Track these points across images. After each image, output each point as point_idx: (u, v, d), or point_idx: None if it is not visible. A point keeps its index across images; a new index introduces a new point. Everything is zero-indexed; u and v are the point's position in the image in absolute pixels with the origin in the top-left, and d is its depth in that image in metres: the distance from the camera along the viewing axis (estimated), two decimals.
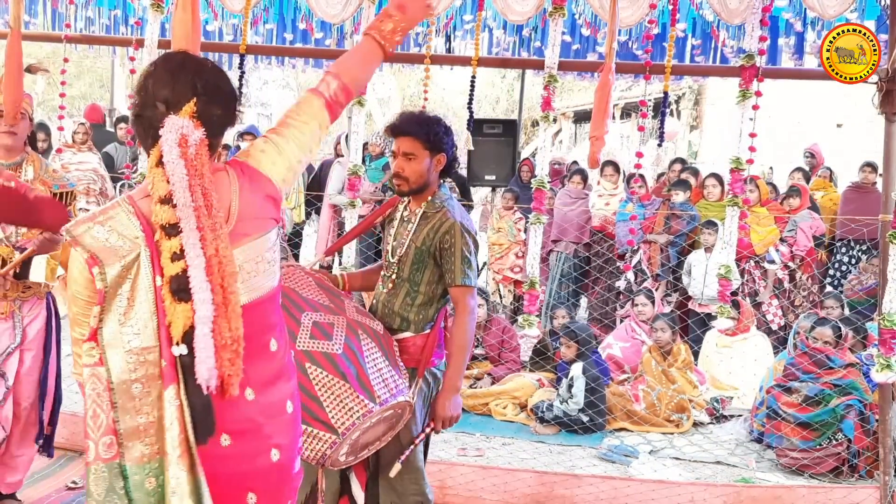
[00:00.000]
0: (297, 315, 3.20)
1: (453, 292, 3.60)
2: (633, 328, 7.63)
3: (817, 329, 6.31)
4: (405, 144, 3.60)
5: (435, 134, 3.61)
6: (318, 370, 3.10)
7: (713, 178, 8.85)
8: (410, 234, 3.64)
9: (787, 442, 5.97)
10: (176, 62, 2.29)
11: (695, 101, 19.37)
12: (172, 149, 2.12)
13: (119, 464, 2.11)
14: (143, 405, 2.11)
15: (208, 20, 8.92)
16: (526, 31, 8.66)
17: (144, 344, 2.10)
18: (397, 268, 3.65)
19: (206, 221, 2.12)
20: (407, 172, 3.60)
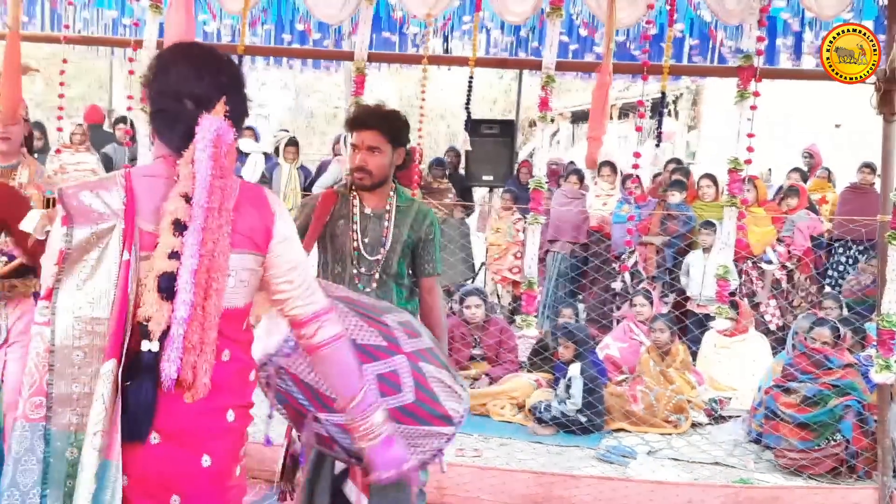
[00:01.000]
0: None
1: (430, 281, 3.74)
2: (630, 328, 7.63)
3: (816, 329, 6.31)
4: (369, 138, 3.58)
5: (398, 128, 3.65)
6: (397, 425, 2.67)
7: (707, 179, 8.87)
8: (392, 230, 3.64)
9: (786, 442, 5.97)
10: (199, 56, 2.30)
11: (693, 101, 19.38)
12: (207, 148, 2.14)
13: (44, 426, 2.09)
14: (82, 374, 2.09)
15: (206, 21, 8.92)
16: (523, 31, 8.67)
17: (96, 314, 2.10)
18: (381, 265, 3.63)
19: (214, 222, 2.14)
20: (371, 166, 3.59)
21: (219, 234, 2.14)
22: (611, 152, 16.52)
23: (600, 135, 6.26)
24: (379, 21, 8.53)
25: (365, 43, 7.05)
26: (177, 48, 2.37)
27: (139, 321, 2.11)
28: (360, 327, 2.83)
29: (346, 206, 3.69)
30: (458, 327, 7.23)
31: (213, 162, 2.14)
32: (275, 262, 2.32)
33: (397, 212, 3.68)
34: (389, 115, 3.67)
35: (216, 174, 2.15)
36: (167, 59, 2.29)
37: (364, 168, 3.59)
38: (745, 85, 6.06)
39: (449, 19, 8.40)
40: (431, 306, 3.74)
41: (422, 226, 3.70)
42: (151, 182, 2.21)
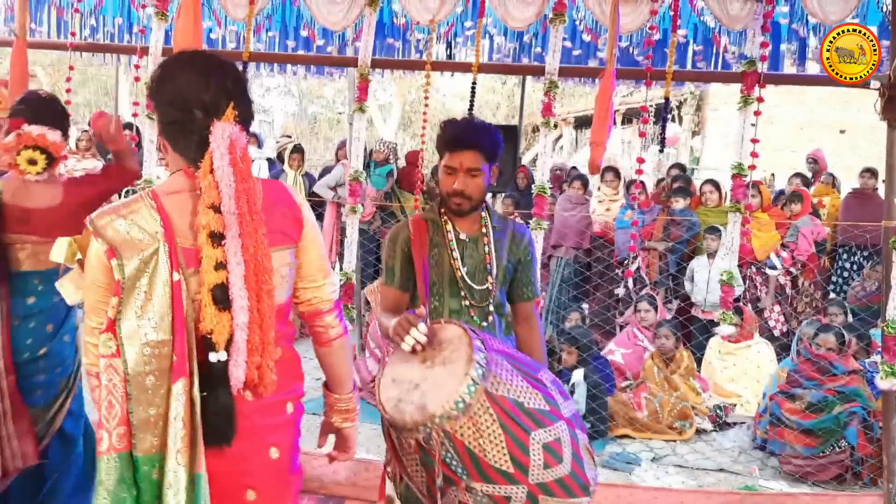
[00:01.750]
0: (525, 440, 2.51)
1: (529, 306, 3.43)
2: (635, 334, 7.62)
3: (821, 336, 6.31)
4: (469, 159, 3.22)
5: (497, 145, 3.28)
6: (550, 500, 2.56)
7: (710, 185, 8.86)
8: (494, 254, 3.31)
9: (791, 449, 5.96)
10: (203, 64, 2.30)
11: (696, 106, 19.39)
12: (224, 156, 2.17)
13: (130, 454, 2.13)
14: (155, 397, 2.14)
15: (211, 28, 8.94)
16: (527, 37, 8.67)
17: (160, 337, 2.13)
18: (490, 294, 3.30)
19: (249, 226, 2.18)
20: (471, 190, 3.24)
21: (256, 236, 2.18)
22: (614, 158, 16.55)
23: (604, 140, 6.26)
24: (382, 27, 8.55)
25: (369, 49, 7.07)
26: (180, 57, 2.36)
27: (203, 335, 2.15)
28: (525, 389, 2.57)
29: (439, 232, 3.34)
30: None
31: (232, 168, 2.17)
32: (306, 248, 2.42)
33: (494, 234, 3.35)
34: (488, 132, 3.27)
35: (238, 179, 2.18)
36: (171, 68, 2.29)
37: (464, 193, 3.24)
38: (748, 90, 6.06)
39: (452, 25, 8.41)
40: (531, 335, 3.43)
41: (519, 247, 3.38)
42: (178, 199, 2.23)
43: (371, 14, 7.02)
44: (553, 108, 6.59)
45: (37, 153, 3.67)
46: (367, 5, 7.02)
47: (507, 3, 7.00)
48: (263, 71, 10.92)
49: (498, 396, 2.49)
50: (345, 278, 6.62)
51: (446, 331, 2.69)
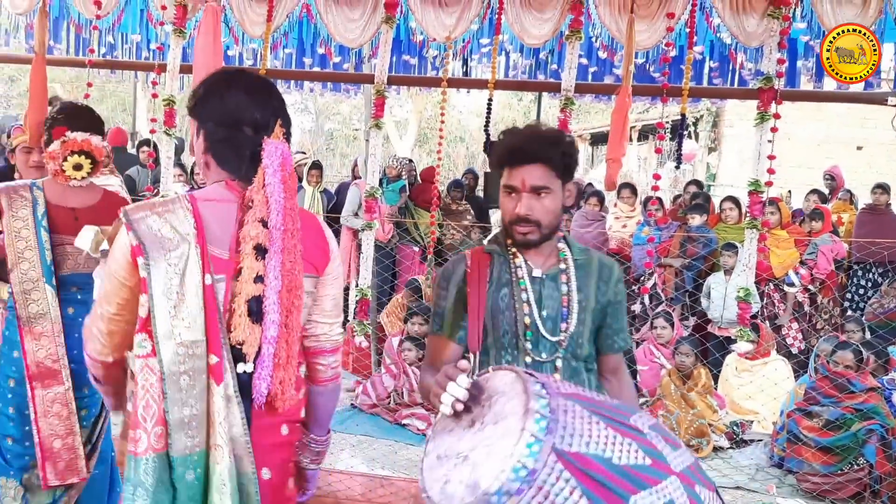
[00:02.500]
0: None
1: (618, 358, 2.77)
2: (651, 351, 7.59)
3: (838, 353, 6.27)
4: (533, 175, 2.56)
5: (571, 156, 2.63)
6: None
7: (730, 202, 8.83)
8: (578, 294, 2.64)
9: (808, 467, 5.92)
10: (251, 83, 2.35)
11: (713, 123, 19.34)
12: (276, 172, 2.20)
13: (167, 454, 2.15)
14: (189, 397, 2.15)
15: (229, 45, 9.00)
16: (542, 54, 8.69)
17: (194, 338, 2.15)
18: (570, 346, 2.64)
19: (290, 243, 2.21)
20: (538, 214, 2.57)
21: (295, 254, 2.22)
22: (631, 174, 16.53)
23: (620, 156, 6.26)
24: (399, 44, 8.59)
25: (385, 66, 7.10)
26: (226, 76, 2.39)
27: (232, 345, 2.18)
28: (613, 440, 1.90)
29: (507, 268, 2.68)
30: None
31: (283, 185, 2.20)
32: (328, 283, 2.42)
33: (576, 268, 2.68)
34: (559, 141, 2.62)
35: (287, 196, 2.21)
36: (218, 87, 2.32)
37: (529, 219, 2.57)
38: (765, 107, 6.05)
39: (468, 42, 8.44)
40: (621, 392, 2.74)
41: (609, 284, 2.70)
42: (216, 207, 2.24)
43: (387, 31, 7.06)
44: (569, 125, 6.60)
45: (82, 158, 3.66)
46: (383, 22, 7.06)
47: (524, 19, 7.03)
48: (280, 88, 10.96)
49: (573, 454, 1.83)
50: (360, 294, 6.63)
51: (496, 379, 2.05)
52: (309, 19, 8.21)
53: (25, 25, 8.92)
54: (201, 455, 2.18)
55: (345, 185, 10.72)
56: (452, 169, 24.10)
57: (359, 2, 7.26)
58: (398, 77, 8.34)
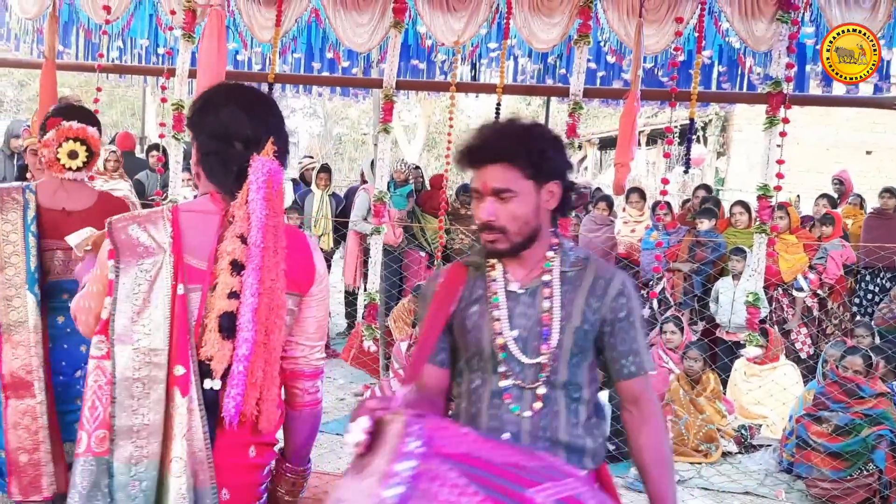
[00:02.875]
0: None
1: (637, 384, 2.32)
2: (660, 356, 7.57)
3: (847, 358, 6.25)
4: (494, 177, 2.24)
5: (540, 151, 2.26)
6: None
7: (740, 206, 8.81)
8: (556, 312, 2.29)
9: (817, 472, 5.90)
10: (248, 98, 2.34)
11: (721, 127, 19.32)
12: (260, 189, 2.17)
13: (107, 460, 2.11)
14: (141, 406, 2.12)
15: (238, 50, 9.02)
16: (551, 58, 8.69)
17: (153, 346, 2.12)
18: (547, 370, 2.28)
19: (270, 260, 2.17)
20: (503, 220, 2.25)
21: (276, 272, 2.18)
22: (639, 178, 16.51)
23: (628, 161, 6.26)
24: (407, 49, 8.59)
25: (393, 70, 7.11)
26: (224, 89, 2.39)
27: (200, 359, 2.15)
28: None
29: (482, 283, 2.37)
30: None
31: (266, 202, 2.17)
32: (311, 304, 2.37)
33: (563, 282, 2.32)
34: (523, 136, 2.27)
35: (269, 214, 2.17)
36: (216, 100, 2.31)
37: (493, 225, 2.26)
38: (774, 111, 6.05)
39: (476, 47, 8.44)
40: (643, 428, 2.31)
41: (604, 299, 2.30)
42: (197, 218, 2.24)
43: (396, 36, 7.07)
44: (577, 129, 6.60)
45: (77, 144, 3.59)
46: (392, 27, 7.07)
47: (532, 24, 7.03)
48: (289, 92, 11.01)
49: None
50: (369, 299, 6.63)
51: (392, 424, 1.87)
52: (317, 24, 8.22)
53: (35, 30, 8.95)
54: (150, 466, 2.12)
55: (353, 189, 10.73)
56: (461, 173, 24.07)
57: (367, 6, 7.27)
58: (406, 81, 8.34)
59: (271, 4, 7.34)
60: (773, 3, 6.30)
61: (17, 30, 9.03)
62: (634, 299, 2.33)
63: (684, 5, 6.59)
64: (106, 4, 7.66)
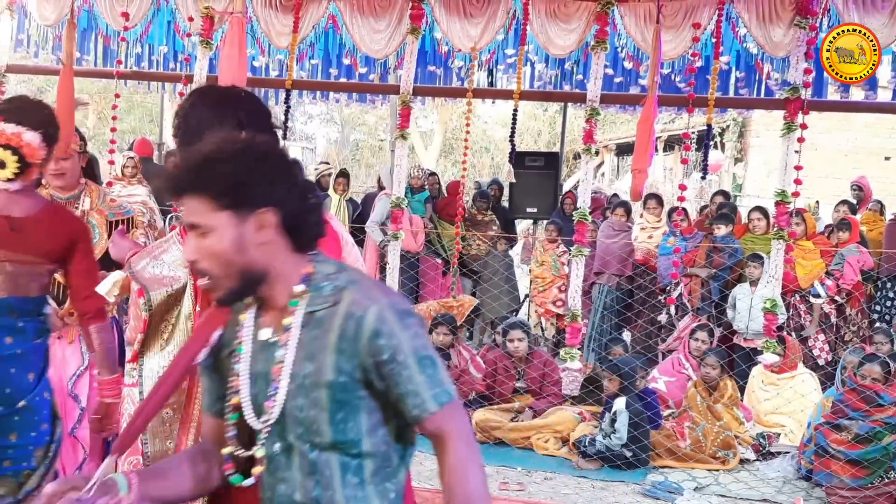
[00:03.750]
0: None
1: (427, 427, 1.88)
2: (680, 362, 7.53)
3: (866, 366, 6.20)
4: (188, 209, 1.88)
5: (232, 176, 1.84)
6: None
7: (758, 212, 8.77)
8: (292, 365, 1.88)
9: (837, 480, 5.86)
10: (214, 96, 2.32)
11: (739, 133, 19.25)
12: None
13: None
14: (173, 430, 2.10)
15: (255, 56, 9.07)
16: (568, 64, 8.70)
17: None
18: (298, 432, 1.88)
19: None
20: (203, 260, 1.87)
21: None
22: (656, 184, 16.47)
23: (646, 167, 6.25)
24: (424, 55, 8.62)
25: (410, 76, 7.13)
26: (191, 95, 2.35)
27: None
28: None
29: (233, 327, 2.01)
30: (501, 360, 7.20)
31: None
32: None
33: (312, 325, 1.89)
34: (209, 161, 1.86)
35: None
36: (184, 107, 2.29)
37: (197, 266, 1.91)
38: (792, 117, 6.03)
39: (493, 53, 8.45)
40: (446, 466, 1.91)
41: (357, 343, 1.83)
42: None
43: (413, 42, 7.09)
44: (594, 135, 6.60)
45: (7, 153, 3.02)
46: (409, 33, 7.09)
47: (549, 30, 7.04)
48: (306, 98, 11.06)
49: None
50: None
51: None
52: (335, 30, 8.26)
53: (54, 37, 9.03)
54: None
55: (371, 195, 10.74)
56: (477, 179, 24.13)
57: (384, 13, 7.30)
58: (423, 88, 8.37)
59: (289, 11, 7.38)
60: (790, 8, 6.29)
61: (36, 37, 9.11)
62: (399, 333, 1.83)
63: (702, 11, 6.58)
64: (124, 11, 7.72)
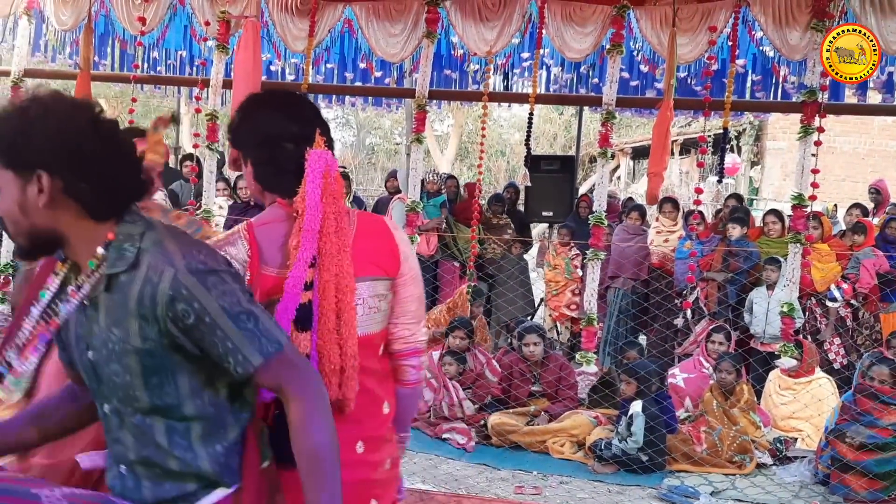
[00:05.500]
0: None
1: (263, 378, 1.87)
2: (701, 362, 7.50)
3: (874, 368, 6.17)
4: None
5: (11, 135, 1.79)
6: None
7: (773, 215, 8.73)
8: (104, 333, 1.85)
9: (853, 493, 5.81)
10: (281, 100, 2.39)
11: (755, 136, 19.20)
12: (316, 179, 2.22)
13: None
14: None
15: (271, 60, 9.10)
16: (584, 67, 8.69)
17: None
18: (119, 396, 1.89)
19: (332, 247, 2.21)
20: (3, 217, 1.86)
21: (340, 257, 2.21)
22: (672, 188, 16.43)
23: (661, 171, 6.24)
24: (440, 59, 8.63)
25: (426, 80, 7.14)
26: (256, 99, 2.43)
27: None
28: None
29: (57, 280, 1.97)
30: (517, 363, 7.20)
31: (321, 191, 2.21)
32: (406, 283, 2.43)
33: (112, 290, 1.84)
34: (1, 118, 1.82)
35: (328, 202, 2.22)
36: (251, 111, 2.36)
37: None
38: (808, 120, 6.00)
39: (509, 56, 8.46)
40: (290, 422, 1.89)
41: (155, 309, 1.80)
42: (269, 228, 2.27)
43: (429, 46, 7.10)
44: (610, 139, 6.58)
45: None
46: (424, 37, 7.10)
47: (565, 34, 7.04)
48: (322, 102, 11.08)
49: None
50: None
51: None
52: (351, 34, 8.29)
53: (71, 42, 9.09)
54: None
55: (383, 199, 10.75)
56: (493, 183, 24.11)
57: (400, 16, 7.31)
58: (439, 91, 8.38)
59: (305, 15, 7.40)
60: (807, 11, 6.27)
61: (53, 41, 9.17)
62: (201, 295, 1.80)
63: (718, 14, 6.57)
64: (141, 16, 7.76)
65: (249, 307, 1.86)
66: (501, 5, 7.18)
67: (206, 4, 7.80)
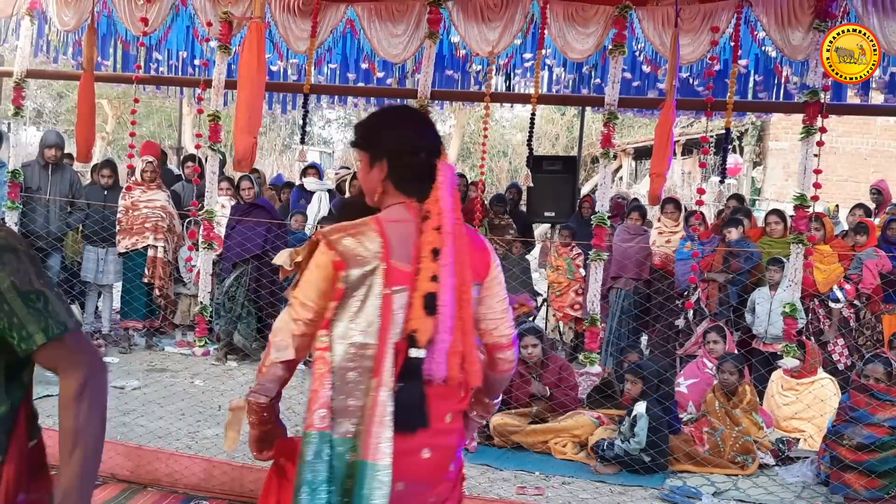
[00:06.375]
0: None
1: (43, 358, 1.94)
2: (704, 363, 7.50)
3: (869, 366, 6.16)
4: None
5: None
6: None
7: (775, 215, 8.73)
8: None
9: (853, 492, 5.81)
10: (417, 115, 2.82)
11: (758, 137, 19.19)
12: (449, 187, 2.58)
13: (329, 434, 2.47)
14: (355, 390, 2.48)
15: (273, 61, 9.10)
16: (586, 68, 8.69)
17: (366, 341, 2.47)
18: None
19: (460, 245, 2.55)
20: None
21: (463, 256, 2.55)
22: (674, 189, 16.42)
23: (664, 171, 6.24)
24: (442, 59, 8.63)
25: (428, 81, 7.14)
26: (396, 111, 2.91)
27: (408, 333, 2.47)
28: None
29: None
30: (516, 365, 7.18)
31: (453, 198, 2.58)
32: (493, 287, 2.73)
33: None
34: None
35: (454, 207, 2.57)
36: (392, 120, 2.72)
37: None
38: (811, 121, 6.00)
39: (511, 57, 8.46)
40: (60, 400, 1.95)
41: None
42: (399, 227, 2.55)
43: (431, 46, 7.10)
44: (612, 139, 6.58)
45: None
46: (426, 38, 7.10)
47: (567, 34, 7.04)
48: (324, 103, 11.08)
49: None
50: None
51: None
52: (352, 35, 8.28)
53: (74, 42, 9.09)
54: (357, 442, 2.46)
55: None
56: (495, 183, 24.11)
57: (402, 17, 7.31)
58: (441, 92, 8.38)
59: (307, 16, 7.41)
60: (810, 11, 6.26)
61: (56, 42, 9.17)
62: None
63: (720, 15, 6.56)
64: (143, 16, 7.76)
65: (40, 287, 1.93)
66: (503, 6, 7.18)
67: (208, 5, 7.80)
